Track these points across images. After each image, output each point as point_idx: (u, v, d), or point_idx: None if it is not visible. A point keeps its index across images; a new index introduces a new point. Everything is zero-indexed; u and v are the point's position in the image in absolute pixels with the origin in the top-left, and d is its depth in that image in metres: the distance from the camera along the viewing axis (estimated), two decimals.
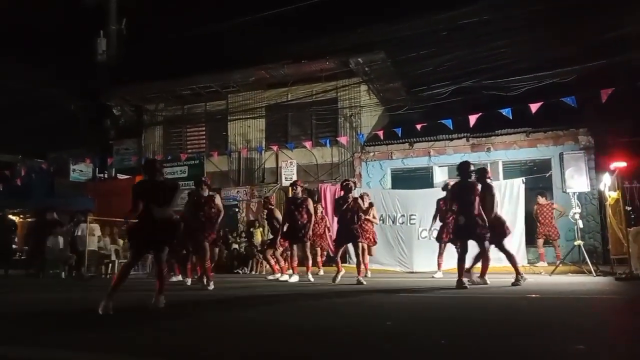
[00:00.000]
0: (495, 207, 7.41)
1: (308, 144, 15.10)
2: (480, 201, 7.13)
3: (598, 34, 11.47)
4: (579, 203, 9.62)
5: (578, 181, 9.80)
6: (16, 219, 15.30)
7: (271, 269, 10.42)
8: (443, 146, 13.94)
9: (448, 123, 12.59)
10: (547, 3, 12.55)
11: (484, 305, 5.41)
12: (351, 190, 8.55)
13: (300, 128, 16.13)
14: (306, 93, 15.63)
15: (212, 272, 8.28)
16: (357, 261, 8.41)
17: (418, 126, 12.98)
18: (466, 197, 7.03)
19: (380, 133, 14.21)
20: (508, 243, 7.77)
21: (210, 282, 7.90)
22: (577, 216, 9.49)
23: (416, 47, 14.51)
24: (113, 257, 12.89)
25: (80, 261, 11.77)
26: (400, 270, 11.09)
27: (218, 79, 15.94)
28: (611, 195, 9.38)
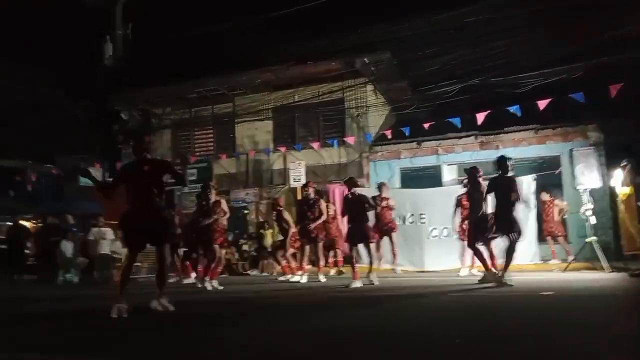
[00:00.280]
0: (483, 206, 7.54)
1: (316, 145, 15.10)
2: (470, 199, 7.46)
3: (606, 29, 11.40)
4: (592, 199, 9.54)
5: (589, 177, 9.75)
6: (29, 225, 15.40)
7: (282, 270, 10.46)
8: (451, 144, 13.91)
9: (456, 121, 12.56)
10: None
11: (499, 304, 5.39)
12: (356, 184, 8.42)
13: (307, 129, 16.14)
14: (312, 94, 15.63)
15: (218, 274, 8.47)
16: (370, 261, 8.23)
17: (426, 125, 12.96)
18: (505, 193, 6.98)
19: (387, 132, 14.19)
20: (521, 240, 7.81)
21: (210, 284, 8.12)
22: (589, 213, 9.42)
23: (421, 46, 14.49)
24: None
25: (92, 265, 11.84)
26: (411, 269, 11.06)
27: (224, 82, 15.97)
28: (623, 191, 9.33)
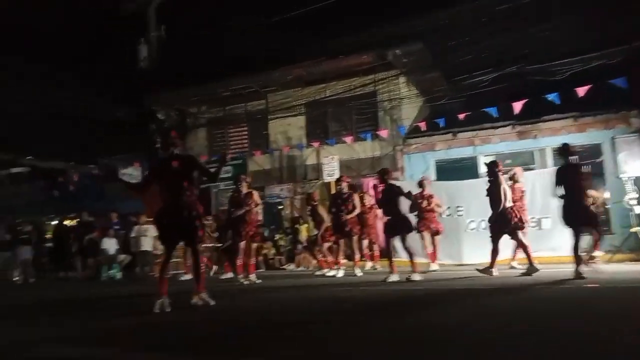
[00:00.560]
0: (503, 200, 7.49)
1: (349, 139, 15.07)
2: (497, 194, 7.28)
3: None
4: (636, 188, 9.21)
5: (632, 165, 9.44)
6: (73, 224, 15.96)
7: (319, 265, 10.54)
8: (488, 135, 13.65)
9: (492, 111, 12.32)
10: None
11: (548, 296, 5.31)
12: (389, 175, 8.25)
13: (340, 123, 16.13)
14: (344, 88, 15.58)
15: (254, 268, 8.66)
16: (410, 255, 7.90)
17: (461, 115, 12.75)
18: (576, 181, 6.90)
19: (421, 124, 14.04)
20: (560, 231, 7.68)
21: (238, 276, 8.36)
22: (634, 202, 9.11)
23: (455, 35, 14.25)
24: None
25: (134, 262, 12.20)
26: (448, 263, 10.94)
27: (257, 79, 16.11)
28: None
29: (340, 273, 9.21)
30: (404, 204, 8.03)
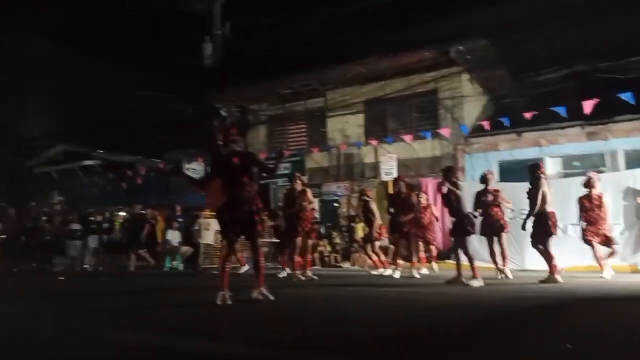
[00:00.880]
0: (538, 203, 7.52)
1: (408, 138, 14.84)
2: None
3: None
4: None
5: None
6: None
7: (374, 264, 10.46)
8: (555, 135, 13.08)
9: (560, 110, 11.77)
10: None
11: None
12: (454, 175, 7.90)
13: (399, 121, 15.95)
14: (404, 85, 15.40)
15: (310, 264, 8.77)
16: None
17: (527, 115, 12.27)
18: None
19: (485, 123, 13.62)
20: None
21: (295, 272, 8.58)
22: None
23: (522, 31, 13.72)
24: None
25: (196, 254, 12.60)
26: (509, 267, 10.56)
27: (317, 77, 16.20)
28: None
29: (397, 274, 9.12)
30: (469, 204, 7.86)
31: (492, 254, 8.53)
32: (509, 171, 13.84)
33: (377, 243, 10.20)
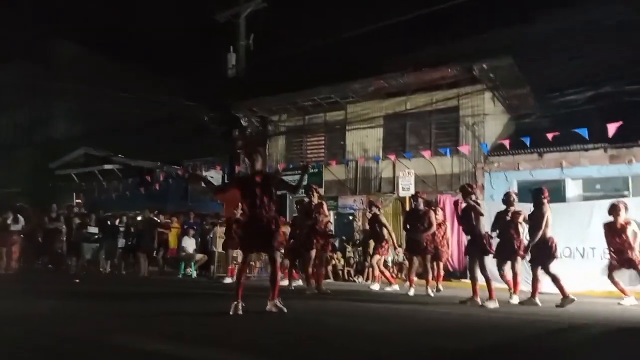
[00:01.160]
0: (542, 227, 7.63)
1: (427, 154, 14.74)
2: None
3: None
4: None
5: None
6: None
7: (388, 281, 10.32)
8: (577, 157, 12.85)
9: (583, 132, 11.57)
10: None
11: None
12: (471, 192, 7.84)
13: (418, 137, 15.85)
14: (425, 102, 15.33)
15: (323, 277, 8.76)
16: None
17: (549, 135, 12.09)
18: None
19: (505, 142, 13.45)
20: None
21: (309, 285, 8.58)
22: None
23: (547, 50, 13.56)
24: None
25: (209, 262, 12.63)
26: (526, 290, 10.36)
27: (338, 90, 16.21)
28: None
29: (411, 292, 9.00)
30: (486, 223, 7.77)
31: (502, 276, 8.35)
32: (529, 191, 13.63)
33: (376, 257, 10.07)
